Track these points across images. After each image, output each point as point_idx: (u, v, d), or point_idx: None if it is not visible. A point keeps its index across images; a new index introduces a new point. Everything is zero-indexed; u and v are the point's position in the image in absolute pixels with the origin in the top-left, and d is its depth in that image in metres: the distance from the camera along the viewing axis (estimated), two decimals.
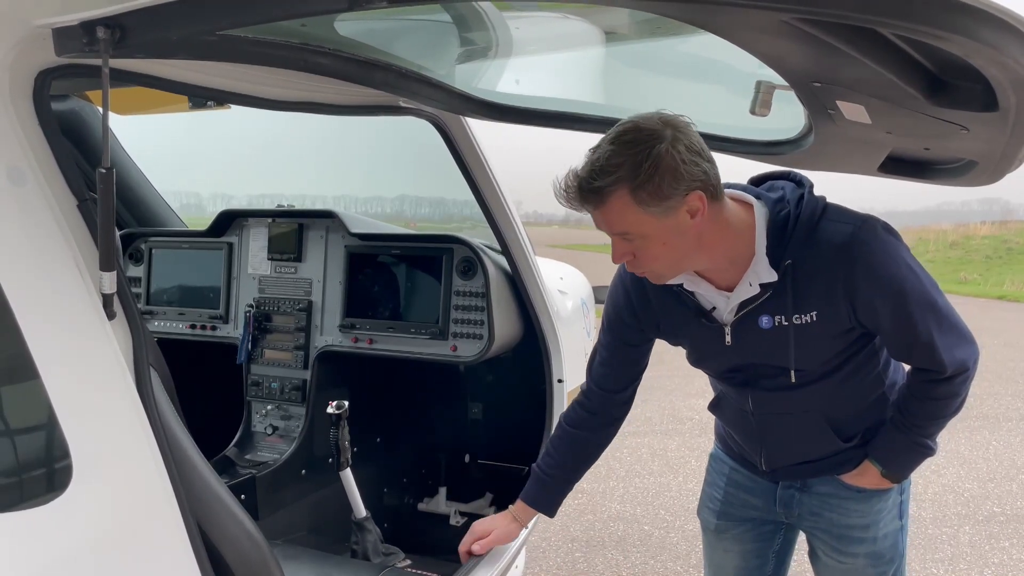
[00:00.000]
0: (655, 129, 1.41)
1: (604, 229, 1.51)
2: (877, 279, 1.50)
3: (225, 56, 1.36)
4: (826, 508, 1.82)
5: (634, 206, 1.42)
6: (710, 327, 1.65)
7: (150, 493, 1.18)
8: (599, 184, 1.41)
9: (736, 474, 1.94)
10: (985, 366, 7.79)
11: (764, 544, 1.97)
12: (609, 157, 1.40)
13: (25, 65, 1.14)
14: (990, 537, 4.19)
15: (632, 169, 1.39)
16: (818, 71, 1.23)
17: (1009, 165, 1.58)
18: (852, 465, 1.76)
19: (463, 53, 1.85)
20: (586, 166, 1.43)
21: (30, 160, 1.12)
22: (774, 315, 1.58)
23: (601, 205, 1.44)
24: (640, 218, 1.44)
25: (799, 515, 1.87)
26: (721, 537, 1.99)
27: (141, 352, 1.20)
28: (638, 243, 1.48)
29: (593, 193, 1.43)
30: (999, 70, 0.99)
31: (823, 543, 1.86)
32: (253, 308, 2.88)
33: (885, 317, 1.53)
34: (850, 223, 1.52)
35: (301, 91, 1.66)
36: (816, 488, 1.82)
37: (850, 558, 1.82)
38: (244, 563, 1.33)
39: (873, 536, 1.79)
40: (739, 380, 1.73)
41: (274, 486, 2.68)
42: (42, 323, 1.08)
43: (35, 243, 1.11)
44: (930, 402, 1.64)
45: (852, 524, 1.80)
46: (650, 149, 1.38)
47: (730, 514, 1.96)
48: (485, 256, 2.64)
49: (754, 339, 1.62)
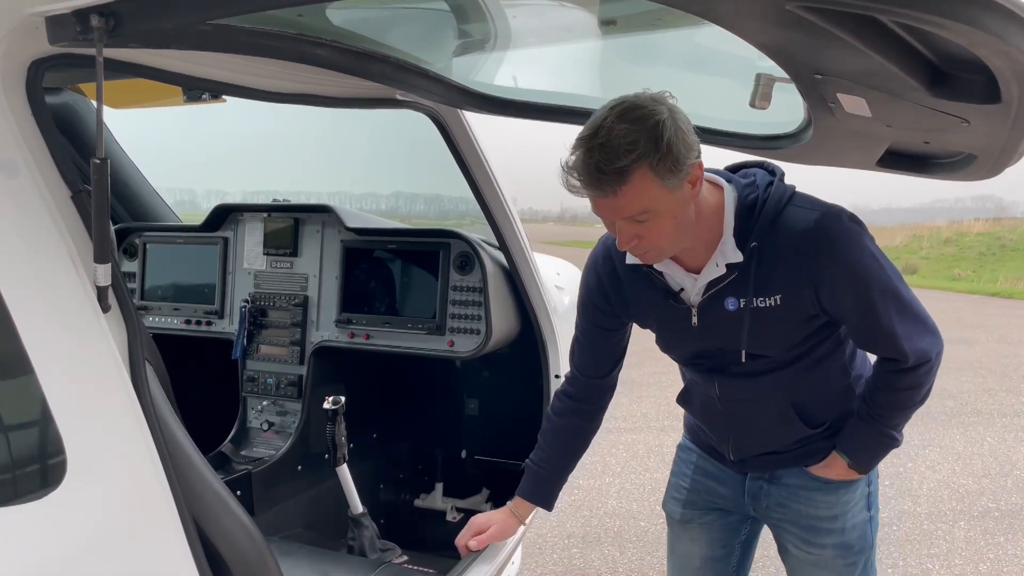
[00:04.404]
0: (653, 105, 1.41)
1: (611, 215, 1.48)
2: (841, 266, 1.52)
3: (220, 46, 1.35)
4: (794, 500, 1.83)
5: (654, 181, 1.41)
6: (677, 308, 1.67)
7: (146, 488, 1.16)
8: (622, 164, 1.38)
9: (704, 462, 1.95)
10: (979, 362, 7.80)
11: (730, 534, 1.97)
12: (625, 135, 1.37)
13: (18, 54, 1.12)
14: (985, 532, 4.20)
15: (652, 143, 1.37)
16: (820, 63, 1.22)
17: (1009, 159, 1.57)
18: (820, 457, 1.78)
19: (461, 45, 1.84)
20: (596, 148, 1.39)
21: (23, 151, 1.11)
22: (739, 297, 1.60)
23: (622, 185, 1.40)
24: (658, 193, 1.43)
25: (767, 507, 1.88)
26: (687, 527, 1.99)
27: (136, 345, 1.19)
28: (649, 222, 1.47)
29: (616, 174, 1.39)
30: (1003, 61, 0.98)
31: (792, 535, 1.87)
32: (248, 303, 2.87)
33: (848, 304, 1.56)
34: (816, 210, 1.55)
35: (297, 83, 1.65)
36: (784, 480, 1.84)
37: (819, 549, 1.83)
38: (241, 559, 1.32)
39: (841, 527, 1.81)
40: (706, 366, 1.76)
41: (270, 482, 2.67)
42: (36, 316, 1.07)
43: (29, 235, 1.09)
44: (895, 392, 1.67)
45: (820, 515, 1.81)
46: (661, 122, 1.38)
47: (696, 503, 1.97)
48: (482, 251, 2.63)
49: (719, 321, 1.64)
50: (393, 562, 2.33)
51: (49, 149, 1.14)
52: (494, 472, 3.13)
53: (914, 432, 6.01)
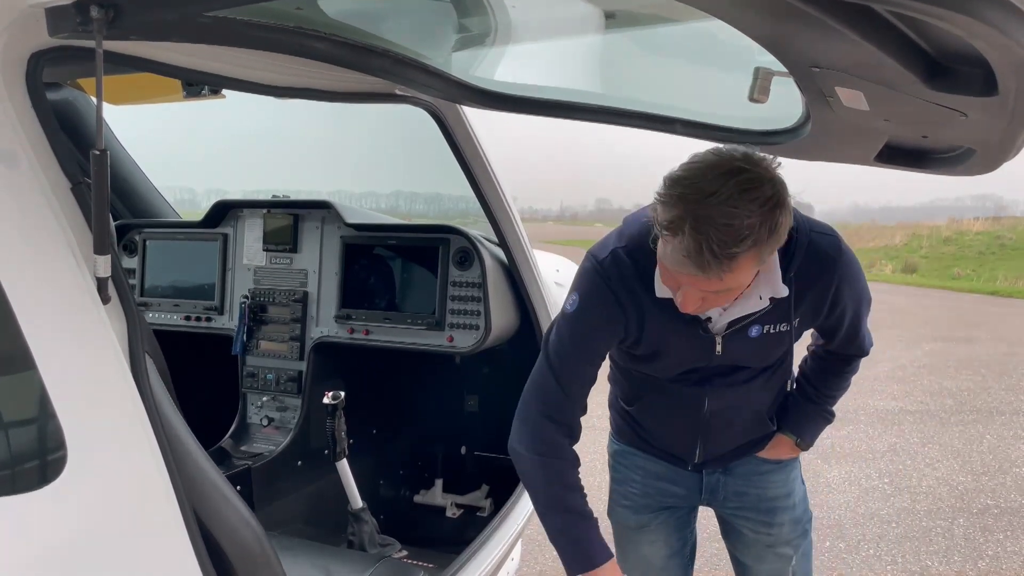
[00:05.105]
0: (772, 176, 1.33)
1: (696, 287, 1.39)
2: (854, 286, 1.67)
3: (220, 39, 1.35)
4: (751, 486, 1.91)
5: (755, 262, 1.36)
6: (703, 337, 1.63)
7: (146, 479, 1.17)
8: (736, 250, 1.29)
9: (653, 465, 1.94)
10: (979, 360, 7.79)
11: (683, 526, 2.00)
12: (744, 218, 1.28)
13: (18, 46, 1.12)
14: (984, 530, 4.21)
15: (769, 231, 1.31)
16: (818, 55, 1.22)
17: (1007, 153, 1.57)
18: (765, 442, 1.90)
19: (461, 40, 1.84)
20: (718, 229, 1.28)
21: (23, 143, 1.11)
22: (765, 324, 1.62)
23: (731, 270, 1.32)
24: (749, 273, 1.39)
25: (723, 498, 1.93)
26: (643, 531, 1.98)
27: (136, 337, 1.19)
28: (723, 294, 1.42)
29: (728, 259, 1.30)
30: (1001, 52, 0.99)
31: (748, 520, 1.93)
32: (248, 299, 2.87)
33: (847, 316, 1.70)
34: (829, 234, 1.63)
35: (296, 77, 1.65)
36: (737, 469, 1.91)
37: (776, 528, 1.91)
38: (242, 551, 1.32)
39: (792, 503, 1.93)
40: (695, 379, 1.74)
41: (270, 477, 2.68)
42: (37, 307, 1.07)
43: (29, 226, 1.09)
44: (845, 377, 1.91)
45: (776, 495, 1.92)
46: (776, 207, 1.31)
47: (649, 506, 1.96)
48: (481, 247, 2.63)
49: (740, 347, 1.65)
50: (393, 557, 2.34)
51: (49, 141, 1.14)
52: (493, 468, 3.14)
53: (913, 430, 6.02)
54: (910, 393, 7.21)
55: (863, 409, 6.60)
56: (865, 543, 4.03)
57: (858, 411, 6.52)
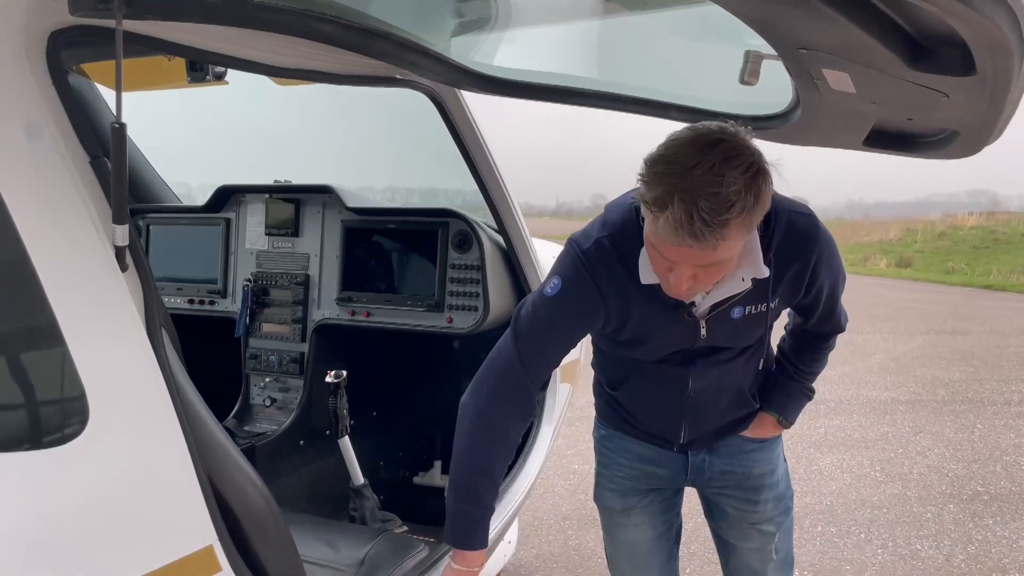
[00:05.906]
0: (749, 145, 1.36)
1: (689, 261, 1.39)
2: (831, 264, 1.70)
3: (232, 20, 1.40)
4: (736, 464, 1.95)
5: (745, 230, 1.37)
6: (688, 322, 1.64)
7: (162, 440, 1.22)
8: (727, 216, 1.30)
9: (639, 448, 1.95)
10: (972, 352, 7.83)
11: (669, 508, 2.02)
12: (730, 185, 1.29)
13: (39, 25, 1.17)
14: (974, 515, 4.27)
15: (755, 198, 1.32)
16: (804, 36, 1.26)
17: (989, 134, 1.62)
18: (748, 421, 1.93)
19: (462, 24, 1.88)
20: (706, 198, 1.29)
21: (45, 117, 1.16)
22: (746, 306, 1.65)
23: (724, 238, 1.33)
24: (740, 242, 1.39)
25: (709, 478, 1.96)
26: (630, 514, 1.99)
27: (152, 304, 1.24)
28: (714, 268, 1.42)
29: (720, 226, 1.30)
30: (976, 31, 1.03)
31: (733, 499, 1.96)
32: (251, 283, 2.92)
33: (824, 294, 1.74)
34: (805, 213, 1.65)
35: (301, 59, 1.70)
36: (722, 449, 1.94)
37: (761, 505, 1.95)
38: (250, 511, 1.38)
39: (776, 480, 1.97)
40: (678, 360, 1.74)
41: (273, 456, 2.73)
42: (60, 273, 1.12)
43: (53, 196, 1.14)
44: (823, 353, 1.97)
45: (761, 472, 1.95)
46: (759, 174, 1.33)
47: (636, 489, 1.98)
48: (480, 230, 2.68)
49: (724, 329, 1.68)
50: (394, 531, 2.39)
51: (68, 115, 1.19)
52: None
53: (905, 419, 6.09)
54: (903, 384, 7.28)
55: (856, 399, 6.66)
56: (856, 528, 4.09)
57: (851, 401, 6.59)
